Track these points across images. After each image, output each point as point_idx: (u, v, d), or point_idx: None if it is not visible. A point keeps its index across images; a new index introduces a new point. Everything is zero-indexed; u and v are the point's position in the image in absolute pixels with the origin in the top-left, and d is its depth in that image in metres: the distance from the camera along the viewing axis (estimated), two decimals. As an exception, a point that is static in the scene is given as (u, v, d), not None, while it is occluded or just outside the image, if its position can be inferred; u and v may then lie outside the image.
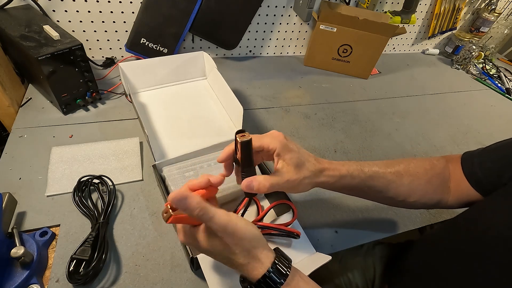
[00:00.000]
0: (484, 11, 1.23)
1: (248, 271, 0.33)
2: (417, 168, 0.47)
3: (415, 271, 0.51)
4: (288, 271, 0.33)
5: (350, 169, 0.43)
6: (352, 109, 0.91)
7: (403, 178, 0.46)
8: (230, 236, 0.31)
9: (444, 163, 0.49)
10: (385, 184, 0.45)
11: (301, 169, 0.38)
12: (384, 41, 0.97)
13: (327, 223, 0.58)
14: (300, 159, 0.38)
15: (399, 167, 0.46)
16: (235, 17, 0.89)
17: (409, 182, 0.46)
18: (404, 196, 0.47)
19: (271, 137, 0.38)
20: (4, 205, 0.47)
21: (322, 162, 0.41)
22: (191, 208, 0.30)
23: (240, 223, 0.32)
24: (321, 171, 0.40)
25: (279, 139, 0.38)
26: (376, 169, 0.45)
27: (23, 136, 0.63)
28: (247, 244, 0.32)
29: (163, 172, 0.54)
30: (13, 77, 0.71)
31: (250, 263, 0.33)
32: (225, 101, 0.70)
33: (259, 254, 0.33)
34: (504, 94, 1.15)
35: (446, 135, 0.89)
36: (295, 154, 0.38)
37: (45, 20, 0.70)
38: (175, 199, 0.29)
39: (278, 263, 0.33)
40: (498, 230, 0.37)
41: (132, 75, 0.67)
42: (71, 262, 0.43)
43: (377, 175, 0.44)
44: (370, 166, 0.45)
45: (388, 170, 0.45)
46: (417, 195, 0.47)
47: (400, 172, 0.46)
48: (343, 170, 0.42)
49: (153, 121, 0.64)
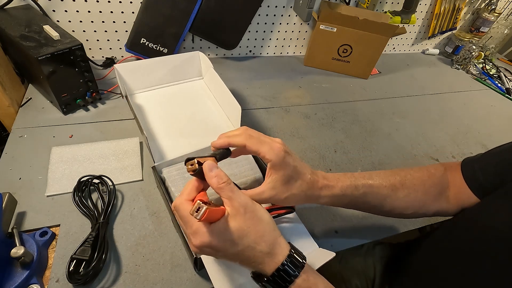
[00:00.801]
0: (484, 11, 1.23)
1: (272, 258, 0.33)
2: (413, 180, 0.47)
3: (416, 271, 0.51)
4: (304, 260, 0.35)
5: (344, 186, 0.42)
6: (352, 109, 0.91)
7: (398, 192, 0.45)
8: (251, 212, 0.33)
9: (442, 171, 0.48)
10: (380, 199, 0.45)
11: (291, 186, 0.38)
12: (384, 41, 0.97)
13: (327, 223, 0.58)
14: (293, 176, 0.38)
15: (394, 179, 0.46)
16: (235, 17, 0.89)
17: (405, 196, 0.45)
18: (401, 209, 0.46)
19: (270, 148, 0.36)
20: (4, 205, 0.47)
21: (317, 177, 0.41)
22: (222, 185, 0.33)
23: (259, 205, 0.35)
24: (313, 191, 0.40)
25: (276, 153, 0.36)
26: (371, 183, 0.44)
27: (23, 136, 0.63)
28: (266, 226, 0.34)
29: (162, 173, 0.54)
30: (13, 77, 0.71)
31: (272, 251, 0.33)
32: (222, 100, 0.69)
33: (280, 241, 0.35)
34: (504, 94, 1.15)
35: (446, 135, 0.89)
36: (288, 171, 0.37)
37: (45, 20, 0.70)
38: (209, 169, 0.33)
39: (294, 252, 0.35)
40: (499, 230, 0.37)
41: (128, 76, 0.66)
42: (71, 262, 0.43)
43: (371, 191, 0.44)
44: (366, 180, 0.44)
45: (384, 184, 0.45)
46: (415, 207, 0.47)
47: (396, 185, 0.45)
48: (337, 189, 0.42)
49: (151, 122, 0.63)
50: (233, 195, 0.33)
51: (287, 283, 0.33)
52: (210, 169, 0.33)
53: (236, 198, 0.33)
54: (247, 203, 0.33)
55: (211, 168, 0.34)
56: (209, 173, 0.33)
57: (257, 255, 0.33)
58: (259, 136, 0.38)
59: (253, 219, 0.33)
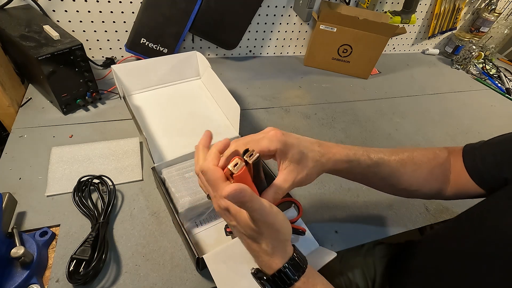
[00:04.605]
0: (484, 11, 1.23)
1: (273, 260, 0.34)
2: (420, 157, 0.47)
3: (417, 272, 0.51)
4: (305, 265, 0.35)
5: (358, 154, 0.42)
6: (352, 109, 0.91)
7: (406, 166, 0.46)
8: (267, 226, 0.32)
9: (446, 154, 0.49)
10: (389, 171, 0.45)
11: (306, 163, 0.37)
12: (384, 41, 0.97)
13: (327, 223, 0.58)
14: (302, 152, 0.37)
15: (403, 155, 0.46)
16: (235, 17, 0.89)
17: (412, 171, 0.46)
18: (406, 184, 0.47)
19: (269, 139, 0.36)
20: (4, 205, 0.47)
21: (327, 146, 0.40)
22: (246, 201, 0.29)
23: (280, 216, 0.33)
24: (326, 157, 0.39)
25: (277, 139, 0.36)
26: (382, 156, 0.45)
27: (23, 136, 0.63)
28: (280, 237, 0.33)
29: (162, 174, 0.54)
30: (13, 77, 0.71)
31: (275, 253, 0.34)
32: (221, 100, 0.69)
33: (287, 247, 0.35)
34: (504, 94, 1.15)
35: (446, 135, 0.89)
36: (296, 149, 0.37)
37: (45, 20, 0.70)
38: (232, 194, 0.28)
39: (296, 256, 0.35)
40: (503, 231, 0.37)
41: (126, 77, 0.66)
42: (71, 262, 0.43)
43: (383, 161, 0.44)
44: (376, 153, 0.44)
45: (393, 157, 0.45)
46: (419, 184, 0.47)
47: (405, 160, 0.46)
48: (351, 153, 0.41)
49: (149, 123, 0.63)
50: (257, 210, 0.31)
51: (286, 285, 0.33)
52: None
53: (260, 212, 0.32)
54: (267, 216, 0.32)
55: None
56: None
57: (261, 251, 0.34)
58: (253, 138, 0.37)
59: (271, 229, 0.33)
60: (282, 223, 0.33)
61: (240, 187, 0.28)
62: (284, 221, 0.34)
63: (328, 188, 0.65)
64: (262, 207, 0.31)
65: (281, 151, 0.36)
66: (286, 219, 0.34)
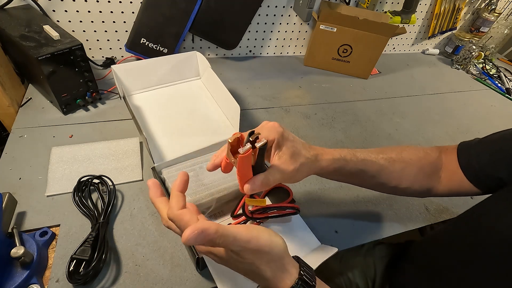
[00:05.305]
0: (484, 11, 1.23)
1: (276, 283, 0.31)
2: (410, 155, 0.48)
3: (417, 272, 0.51)
4: (314, 282, 0.32)
5: (343, 153, 0.43)
6: (352, 109, 0.91)
7: (395, 164, 0.46)
8: (253, 253, 0.30)
9: (437, 154, 0.49)
10: (378, 169, 0.45)
11: (298, 157, 0.37)
12: (384, 41, 0.97)
13: (327, 223, 0.58)
14: (296, 147, 0.38)
15: (391, 153, 0.47)
16: (235, 17, 0.89)
17: (401, 169, 0.47)
18: (396, 182, 0.47)
19: (268, 129, 0.36)
20: (4, 205, 0.47)
21: (315, 148, 0.41)
22: (212, 239, 0.27)
23: (263, 237, 0.30)
24: (315, 156, 0.40)
25: (276, 130, 0.36)
26: (369, 154, 0.45)
27: (23, 136, 0.63)
28: (274, 257, 0.31)
29: (162, 174, 0.54)
30: (13, 77, 0.71)
31: (277, 276, 0.31)
32: (221, 100, 0.69)
33: (286, 264, 0.32)
34: (504, 94, 1.15)
35: (446, 135, 0.89)
36: (291, 142, 0.37)
37: (45, 20, 0.70)
38: (190, 238, 0.26)
39: (304, 274, 0.32)
40: (503, 233, 0.37)
41: (125, 77, 0.66)
42: (71, 262, 0.43)
43: (370, 159, 0.45)
44: (363, 152, 0.45)
45: (381, 156, 0.46)
46: (409, 181, 0.47)
47: (393, 158, 0.46)
48: (336, 154, 0.42)
49: (149, 123, 0.63)
50: (234, 241, 0.29)
51: None
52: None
53: (237, 244, 0.29)
54: (248, 242, 0.30)
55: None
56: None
57: (263, 279, 0.32)
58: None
59: (256, 255, 0.30)
60: (269, 242, 0.30)
61: (197, 227, 0.26)
62: (270, 237, 0.31)
63: (328, 188, 0.65)
64: (237, 238, 0.28)
65: (278, 142, 0.36)
66: (272, 233, 0.32)
